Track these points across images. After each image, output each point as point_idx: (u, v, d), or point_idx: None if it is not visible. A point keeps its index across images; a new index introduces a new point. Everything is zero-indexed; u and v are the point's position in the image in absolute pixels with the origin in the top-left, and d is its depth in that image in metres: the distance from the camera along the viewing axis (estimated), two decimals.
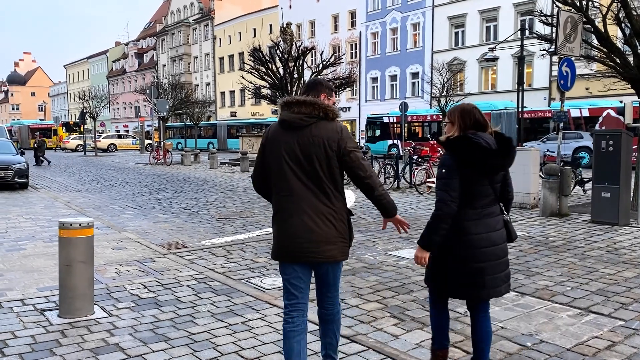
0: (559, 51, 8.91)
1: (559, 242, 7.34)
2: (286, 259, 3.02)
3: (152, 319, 4.45)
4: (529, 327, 4.25)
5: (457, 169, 3.00)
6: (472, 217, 3.05)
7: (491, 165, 3.04)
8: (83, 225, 4.43)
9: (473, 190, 3.04)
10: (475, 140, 3.01)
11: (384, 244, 7.39)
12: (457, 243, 3.05)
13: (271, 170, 3.04)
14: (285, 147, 2.96)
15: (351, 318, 4.48)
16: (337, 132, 2.97)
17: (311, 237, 2.94)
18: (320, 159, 2.93)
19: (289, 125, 2.98)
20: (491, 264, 3.07)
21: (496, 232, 3.11)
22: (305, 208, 2.95)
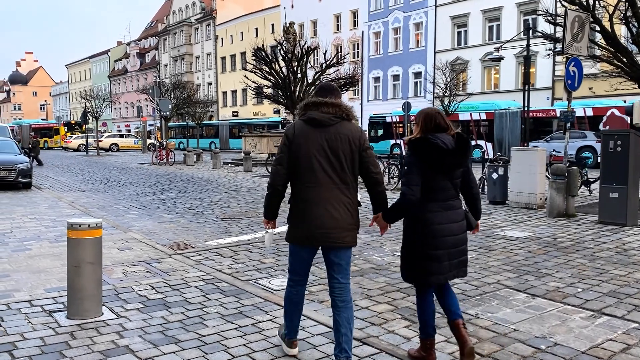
0: (566, 51, 8.86)
1: (568, 243, 7.29)
2: (307, 242, 3.41)
3: (161, 320, 4.42)
4: (542, 330, 4.21)
5: (418, 165, 3.37)
6: (434, 209, 3.41)
7: (447, 163, 3.39)
8: (92, 225, 4.40)
9: (434, 185, 3.40)
10: (433, 141, 3.37)
11: (391, 244, 7.34)
12: (420, 232, 3.42)
13: (298, 163, 3.36)
14: (314, 142, 3.33)
15: (362, 320, 4.44)
16: (358, 131, 3.42)
17: (334, 224, 3.32)
18: (346, 154, 3.34)
19: (319, 123, 3.35)
20: (449, 251, 3.45)
21: (456, 223, 3.47)
22: (329, 198, 3.33)
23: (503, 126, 26.64)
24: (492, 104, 28.40)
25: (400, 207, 3.44)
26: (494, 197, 10.89)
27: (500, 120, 26.84)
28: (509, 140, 26.03)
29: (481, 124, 27.94)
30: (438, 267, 3.43)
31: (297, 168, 3.37)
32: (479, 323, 4.36)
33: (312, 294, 5.16)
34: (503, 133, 26.61)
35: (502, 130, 26.65)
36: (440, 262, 3.43)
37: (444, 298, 3.65)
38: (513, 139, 25.92)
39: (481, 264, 6.25)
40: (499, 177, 10.74)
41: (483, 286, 5.36)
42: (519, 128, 25.72)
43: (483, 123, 27.82)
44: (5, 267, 6.07)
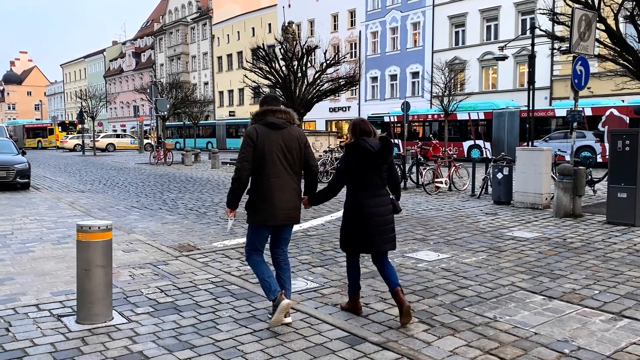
0: (573, 50, 8.80)
1: (578, 244, 7.22)
2: (270, 222, 4.22)
3: (174, 324, 4.31)
4: (563, 333, 4.13)
5: (350, 163, 4.33)
6: (366, 197, 4.33)
7: (374, 162, 4.28)
8: (102, 228, 4.29)
9: (365, 178, 4.31)
10: (362, 145, 4.26)
11: (399, 245, 7.24)
12: (356, 214, 4.33)
13: (263, 159, 4.10)
14: (275, 142, 4.13)
15: (379, 324, 4.35)
16: (302, 132, 4.36)
17: (292, 205, 4.23)
18: (296, 150, 4.23)
19: (277, 126, 4.17)
20: (379, 229, 4.34)
21: (383, 207, 4.37)
22: (287, 185, 4.19)
23: (501, 126, 26.60)
24: (490, 103, 28.37)
25: (328, 193, 4.41)
26: (498, 197, 10.83)
27: (498, 120, 26.79)
28: (508, 140, 26.03)
29: (479, 123, 27.91)
30: (367, 240, 4.35)
31: (262, 162, 4.11)
32: (498, 326, 4.27)
33: (325, 297, 5.07)
34: (501, 133, 26.57)
35: (501, 130, 26.61)
36: (369, 237, 4.33)
37: (383, 270, 4.47)
38: (512, 139, 25.89)
39: (493, 265, 6.17)
40: (503, 177, 10.67)
41: (498, 288, 5.28)
42: (517, 128, 25.73)
43: (481, 123, 27.79)
44: (9, 269, 5.95)
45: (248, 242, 4.37)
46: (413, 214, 9.97)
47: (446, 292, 5.18)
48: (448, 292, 5.16)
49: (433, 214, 9.88)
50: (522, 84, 32.84)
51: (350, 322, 4.38)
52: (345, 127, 45.05)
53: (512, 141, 25.68)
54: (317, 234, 8.13)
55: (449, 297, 5.02)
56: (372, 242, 4.32)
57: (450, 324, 4.34)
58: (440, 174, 13.03)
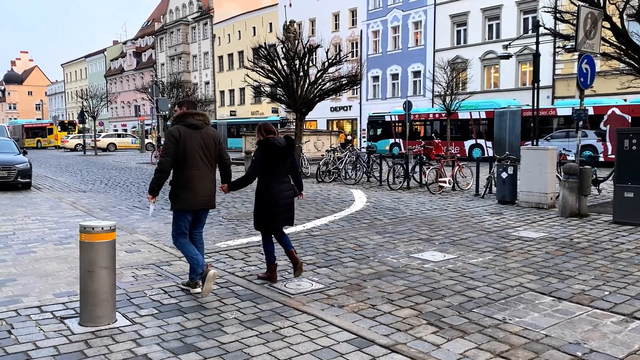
0: (579, 48, 8.72)
1: (585, 244, 7.15)
2: (194, 207, 5.00)
3: (178, 327, 4.24)
4: (574, 335, 4.06)
5: (262, 158, 5.32)
6: (274, 184, 5.35)
7: (280, 155, 5.33)
8: (105, 229, 4.22)
9: (274, 168, 5.34)
10: (272, 141, 5.32)
11: (404, 245, 7.19)
12: (266, 198, 5.37)
13: (185, 154, 4.86)
14: (195, 140, 4.92)
15: (386, 326, 4.28)
16: (216, 132, 5.22)
17: (209, 193, 5.03)
18: (212, 147, 5.04)
19: (196, 127, 4.98)
20: (283, 209, 5.40)
21: (287, 192, 5.46)
22: (205, 177, 4.98)
23: (503, 125, 26.55)
24: (491, 102, 28.28)
25: (243, 182, 5.44)
26: (503, 196, 10.75)
27: (500, 119, 26.73)
28: (509, 139, 25.96)
29: (481, 122, 27.85)
30: (276, 220, 5.42)
31: (185, 157, 4.87)
32: (508, 328, 4.20)
33: (331, 298, 5.00)
34: (503, 132, 26.52)
35: (502, 129, 26.55)
36: (277, 217, 5.40)
37: (281, 239, 5.56)
38: (513, 138, 25.84)
39: (500, 265, 6.10)
40: (508, 176, 10.60)
41: (506, 289, 5.21)
42: (519, 127, 25.67)
43: (483, 122, 27.73)
44: (10, 270, 5.88)
45: (174, 228, 5.07)
46: (417, 213, 9.90)
47: (454, 293, 5.10)
48: (456, 294, 5.09)
49: (437, 214, 9.80)
50: (524, 83, 32.75)
51: (357, 324, 4.31)
52: (346, 127, 44.99)
53: (513, 140, 25.66)
54: (321, 234, 8.06)
55: (457, 298, 4.95)
56: (278, 220, 5.43)
57: (459, 325, 4.27)
58: (444, 174, 12.95)
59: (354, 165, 16.42)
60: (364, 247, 7.15)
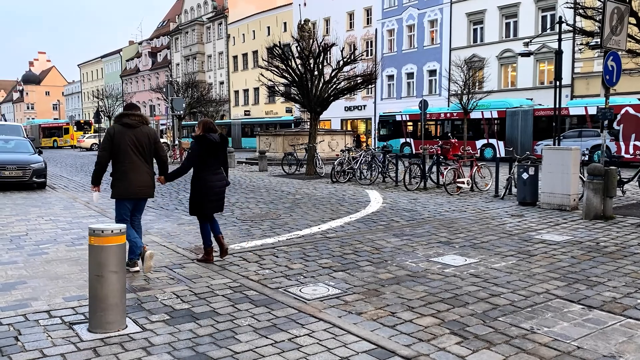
0: (605, 44, 8.41)
1: (613, 248, 6.86)
2: (132, 196, 5.76)
3: (190, 334, 4.08)
4: (608, 348, 3.81)
5: (199, 151, 6.03)
6: (209, 174, 6.08)
7: (215, 149, 6.07)
8: (115, 231, 4.08)
9: (209, 161, 6.07)
10: (208, 137, 6.01)
11: (423, 249, 6.96)
12: (202, 187, 6.07)
13: (120, 150, 5.60)
14: (129, 137, 5.65)
15: (408, 335, 4.07)
16: (153, 131, 5.94)
17: (145, 184, 5.77)
18: (146, 144, 5.77)
19: (131, 126, 5.71)
20: (217, 197, 6.19)
21: (220, 182, 6.19)
22: (139, 169, 5.70)
23: (515, 125, 26.29)
24: (503, 102, 27.94)
25: (179, 172, 6.10)
26: (523, 197, 10.46)
27: (512, 118, 26.49)
28: (521, 138, 25.74)
29: (493, 122, 27.58)
30: (210, 206, 6.15)
31: (119, 152, 5.61)
32: (536, 339, 3.97)
33: (348, 304, 4.80)
34: (515, 131, 26.29)
35: (514, 129, 26.31)
36: (211, 204, 6.14)
37: (212, 224, 6.27)
38: (525, 138, 25.66)
39: (524, 270, 5.85)
40: (529, 177, 10.30)
41: (532, 296, 4.97)
42: (530, 126, 25.51)
43: (495, 121, 27.48)
44: (21, 272, 5.78)
45: (116, 214, 5.85)
46: (435, 215, 9.66)
47: (477, 300, 4.88)
48: (479, 301, 4.86)
49: (456, 216, 9.55)
50: (542, 81, 32.24)
51: (377, 333, 4.11)
52: (360, 126, 44.72)
53: (525, 140, 25.48)
54: (337, 236, 7.86)
55: (481, 305, 4.72)
56: (212, 206, 6.16)
57: (485, 335, 4.05)
58: (462, 174, 12.68)
59: (369, 165, 16.19)
60: (381, 250, 6.94)
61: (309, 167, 18.25)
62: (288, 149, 22.37)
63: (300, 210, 10.41)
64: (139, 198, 5.84)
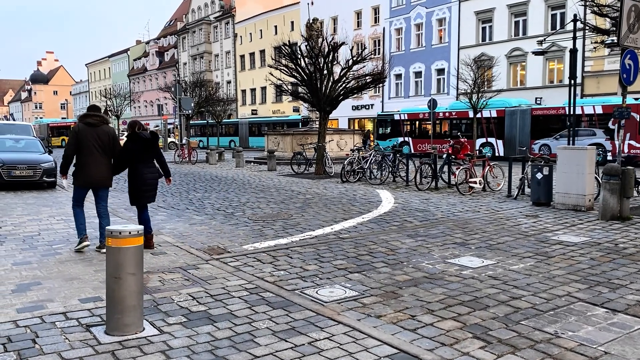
0: (622, 42, 8.28)
1: (632, 250, 6.75)
2: (88, 185, 6.73)
3: (209, 337, 4.02)
4: (637, 353, 3.72)
5: (131, 147, 6.73)
6: (143, 167, 6.78)
7: (145, 146, 6.77)
8: (133, 233, 4.02)
9: (142, 156, 6.77)
10: (139, 135, 6.74)
11: (439, 250, 6.87)
12: (137, 180, 6.77)
13: (82, 146, 6.53)
14: (91, 135, 6.56)
15: (429, 339, 3.99)
16: (112, 129, 6.87)
17: (102, 175, 6.66)
18: (106, 141, 6.66)
19: (93, 125, 6.64)
20: (149, 188, 6.86)
21: (153, 174, 6.91)
22: (99, 163, 6.60)
23: (514, 124, 26.66)
24: (502, 101, 27.95)
25: (119, 167, 6.92)
26: (538, 198, 10.34)
27: (511, 118, 26.76)
28: (519, 137, 26.04)
29: (492, 121, 27.83)
30: (145, 196, 6.87)
31: (82, 147, 6.54)
32: (562, 344, 3.88)
33: (367, 307, 4.72)
34: (514, 130, 26.57)
35: (513, 128, 26.66)
36: (146, 194, 6.87)
37: (142, 215, 6.99)
38: (523, 137, 25.95)
39: (544, 273, 5.75)
40: (543, 177, 10.18)
41: (554, 299, 4.88)
42: (528, 125, 25.92)
43: (494, 120, 27.75)
44: (36, 273, 5.75)
45: (73, 198, 6.85)
46: (449, 215, 9.56)
47: (498, 303, 4.79)
48: (500, 303, 4.77)
49: (470, 216, 9.45)
50: (552, 80, 32.01)
51: (398, 336, 4.04)
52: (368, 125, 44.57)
53: (523, 139, 25.82)
54: (350, 237, 7.79)
55: (502, 308, 4.64)
56: (146, 197, 6.88)
57: (509, 340, 3.97)
58: (474, 174, 12.57)
59: (379, 165, 16.10)
60: (396, 251, 6.86)
61: (318, 167, 18.19)
62: (297, 148, 22.32)
63: (312, 211, 10.35)
64: (98, 187, 6.72)
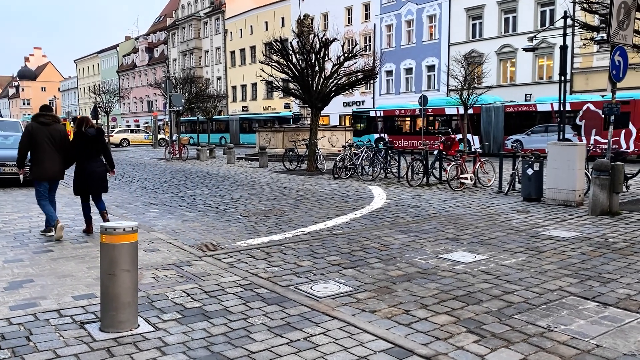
0: (612, 39, 8.35)
1: (622, 244, 6.83)
2: (46, 179, 7.31)
3: (204, 333, 4.02)
4: (628, 346, 3.77)
5: (79, 143, 7.33)
6: (89, 162, 7.37)
7: (91, 142, 7.35)
8: (127, 230, 4.01)
9: (88, 152, 7.36)
10: (85, 132, 7.30)
11: (431, 245, 6.92)
12: (82, 173, 7.37)
13: (36, 143, 7.12)
14: (44, 133, 7.18)
15: (424, 334, 4.02)
16: (63, 128, 7.48)
17: (56, 169, 7.36)
18: (58, 139, 7.30)
19: (45, 124, 7.27)
20: (95, 180, 7.43)
21: (99, 169, 7.48)
22: (51, 158, 7.23)
23: (489, 120, 27.18)
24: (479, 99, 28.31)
25: (69, 161, 7.51)
26: (528, 193, 10.42)
27: (486, 114, 27.21)
28: (494, 133, 26.75)
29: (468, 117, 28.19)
30: (89, 188, 7.48)
31: (35, 144, 7.13)
32: (554, 337, 3.93)
33: (361, 302, 4.75)
34: (489, 127, 27.12)
35: (488, 124, 27.16)
36: (92, 186, 7.45)
37: (98, 204, 7.65)
38: (497, 133, 26.67)
39: (535, 267, 5.81)
40: (534, 173, 10.26)
41: (546, 293, 4.93)
42: (502, 122, 26.71)
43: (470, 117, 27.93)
44: (28, 270, 5.71)
45: (36, 193, 7.40)
46: (440, 211, 9.62)
47: (491, 297, 4.83)
48: (493, 298, 4.82)
49: (462, 212, 9.51)
50: (541, 77, 32.24)
51: (392, 331, 4.07)
52: None
53: (497, 135, 26.63)
54: (343, 233, 7.81)
55: (495, 303, 4.68)
56: (93, 188, 7.48)
57: (502, 334, 4.01)
58: (465, 170, 12.64)
59: (371, 161, 16.13)
60: (389, 246, 6.89)
61: (310, 163, 18.19)
62: (288, 144, 22.29)
63: (305, 207, 10.35)
64: (52, 180, 7.41)
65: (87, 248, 6.75)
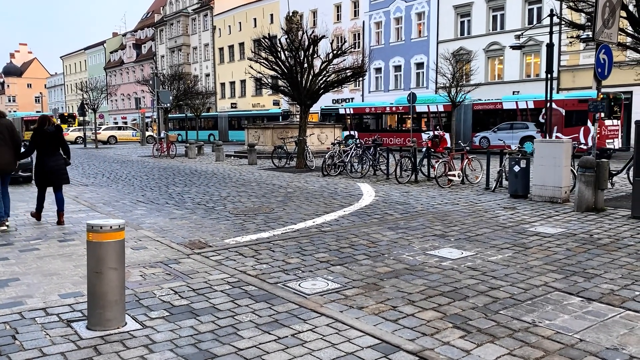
0: (597, 37, 8.44)
1: (606, 240, 6.92)
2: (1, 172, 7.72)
3: (192, 330, 4.03)
4: (611, 340, 3.84)
5: (36, 139, 7.88)
6: (47, 157, 7.94)
7: (49, 139, 7.89)
8: (114, 227, 3.99)
9: (47, 148, 7.92)
10: (43, 129, 7.88)
11: (419, 242, 6.96)
12: (41, 167, 7.96)
13: None
14: None
15: (411, 329, 4.06)
16: (10, 122, 7.78)
17: (7, 161, 7.66)
18: (7, 133, 7.61)
19: None
20: (56, 174, 8.06)
21: (58, 163, 8.08)
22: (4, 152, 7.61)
23: (459, 118, 27.66)
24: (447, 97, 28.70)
25: (25, 155, 8.26)
26: (515, 190, 10.52)
27: (457, 112, 27.34)
28: (462, 130, 27.41)
29: (439, 115, 29.11)
30: (49, 181, 8.08)
31: None
32: (539, 332, 3.98)
33: (349, 299, 4.77)
34: (459, 124, 27.67)
35: (458, 122, 27.71)
36: (54, 179, 8.07)
37: (57, 194, 8.17)
38: (466, 130, 27.38)
39: (521, 263, 5.87)
40: (521, 169, 10.36)
41: (531, 289, 4.99)
42: (470, 119, 27.56)
43: (442, 115, 28.89)
44: (14, 269, 5.66)
45: None
46: (428, 208, 9.67)
47: (477, 293, 4.88)
48: (479, 294, 4.86)
49: (449, 208, 9.57)
50: (529, 74, 32.47)
51: (380, 327, 4.10)
52: None
53: (466, 131, 27.33)
54: (332, 230, 7.83)
55: (481, 299, 4.73)
56: (53, 181, 8.09)
57: (488, 329, 4.05)
58: (453, 167, 12.71)
59: (360, 158, 16.17)
60: (377, 243, 6.92)
61: (299, 160, 18.19)
62: (277, 142, 22.27)
63: (293, 204, 10.36)
64: (3, 172, 7.73)
65: (74, 246, 6.70)
